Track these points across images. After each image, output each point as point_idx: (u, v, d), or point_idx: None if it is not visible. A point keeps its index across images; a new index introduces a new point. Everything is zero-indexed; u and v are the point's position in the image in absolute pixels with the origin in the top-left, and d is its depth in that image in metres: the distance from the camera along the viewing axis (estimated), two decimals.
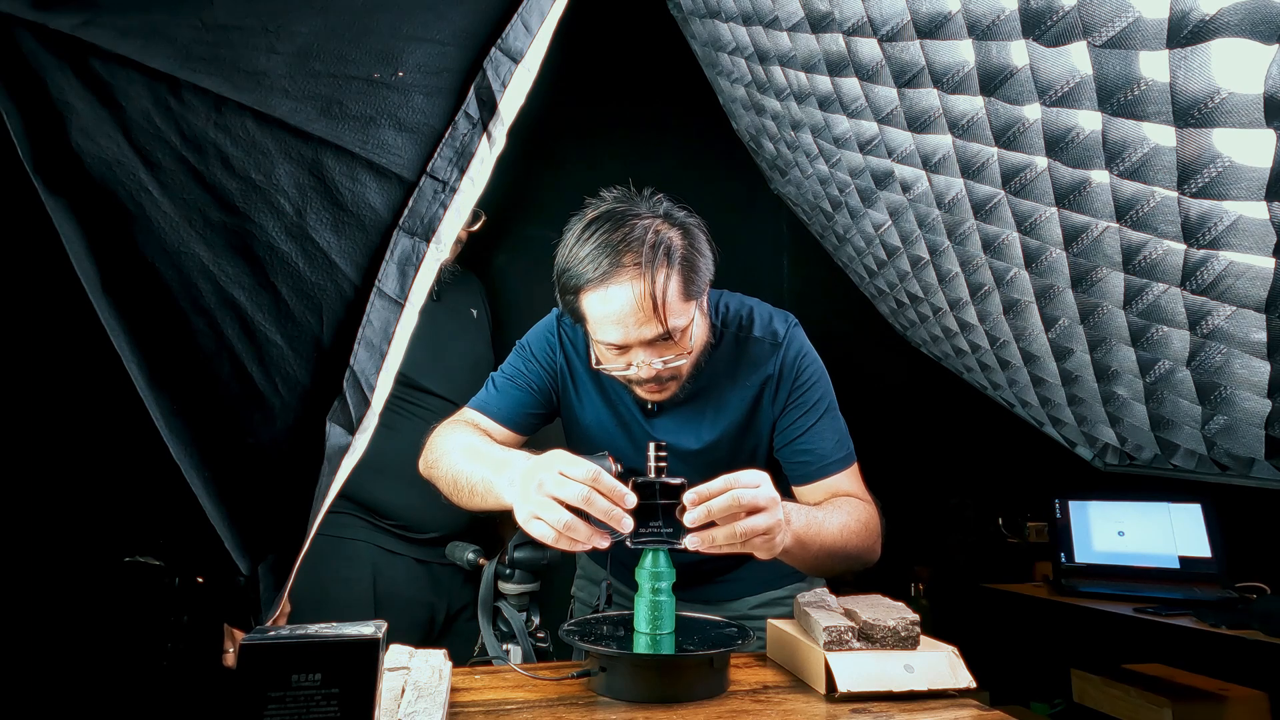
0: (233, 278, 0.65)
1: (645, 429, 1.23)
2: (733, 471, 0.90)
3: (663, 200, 1.12)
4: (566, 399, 1.28)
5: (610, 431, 1.25)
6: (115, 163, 0.63)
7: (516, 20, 0.70)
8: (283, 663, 0.62)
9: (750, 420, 1.21)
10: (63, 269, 0.62)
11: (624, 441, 1.24)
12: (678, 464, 1.17)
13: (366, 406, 0.68)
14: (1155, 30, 0.73)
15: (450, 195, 0.68)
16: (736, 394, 1.20)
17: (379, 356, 0.68)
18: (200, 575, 0.69)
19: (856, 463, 1.20)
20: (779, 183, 2.14)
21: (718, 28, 1.66)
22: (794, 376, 1.19)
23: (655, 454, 0.92)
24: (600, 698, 0.88)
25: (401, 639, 0.96)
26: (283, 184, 0.65)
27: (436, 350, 1.62)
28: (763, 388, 1.19)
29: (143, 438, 0.65)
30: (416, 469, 1.23)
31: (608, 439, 1.25)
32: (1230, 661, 1.81)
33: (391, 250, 0.67)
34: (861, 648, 0.90)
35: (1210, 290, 0.92)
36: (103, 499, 0.72)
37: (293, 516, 0.67)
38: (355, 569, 1.50)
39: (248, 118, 0.64)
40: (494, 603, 1.11)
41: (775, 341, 1.20)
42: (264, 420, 0.67)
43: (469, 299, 1.81)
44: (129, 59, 0.62)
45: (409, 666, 0.88)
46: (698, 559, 0.94)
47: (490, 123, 0.69)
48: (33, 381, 0.76)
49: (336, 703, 0.62)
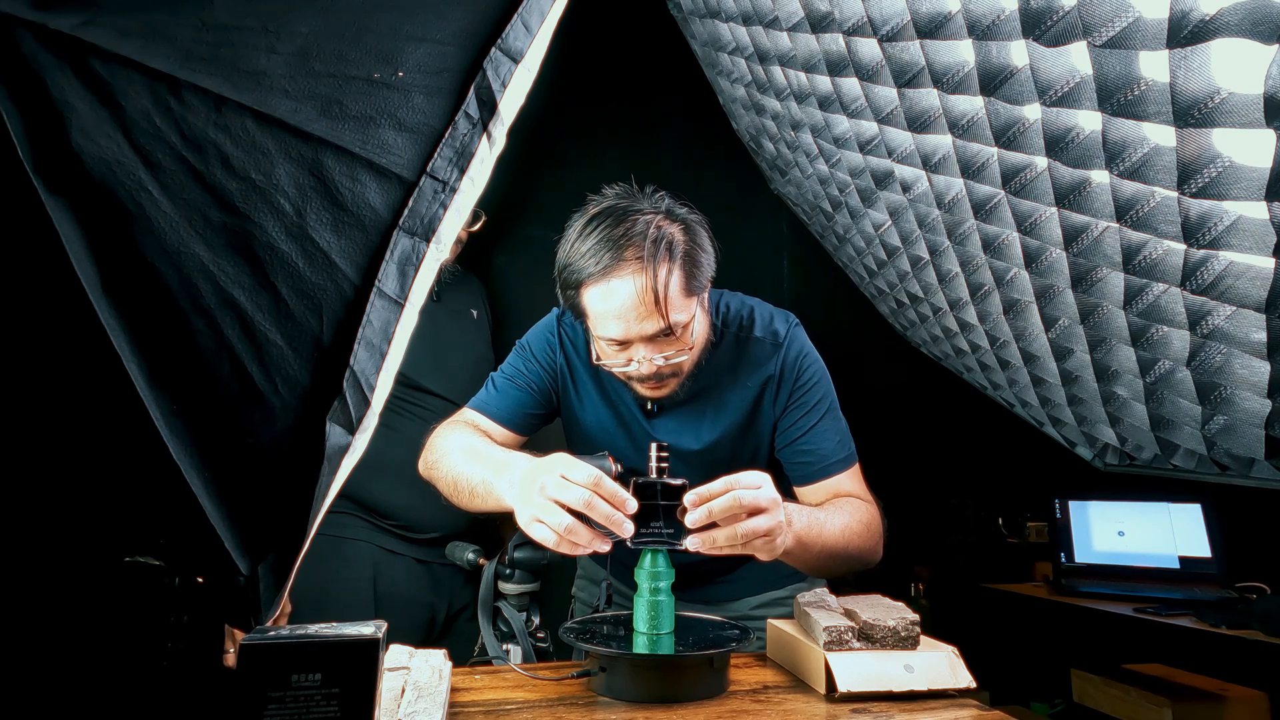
0: (233, 278, 0.65)
1: (645, 429, 1.22)
2: (734, 473, 0.90)
3: (664, 197, 1.11)
4: (566, 399, 1.27)
5: (610, 432, 1.25)
6: (115, 163, 0.63)
7: (516, 20, 0.70)
8: (283, 663, 0.62)
9: (751, 420, 1.20)
10: (63, 269, 0.63)
11: (624, 442, 1.24)
12: (678, 465, 1.17)
13: (366, 406, 0.68)
14: (1155, 30, 0.73)
15: (450, 195, 0.68)
16: (737, 394, 1.19)
17: (379, 356, 0.68)
18: (200, 575, 0.69)
19: (858, 463, 1.19)
20: (779, 183, 2.14)
21: (718, 28, 1.66)
22: (795, 377, 1.18)
23: (656, 454, 0.92)
24: (600, 698, 0.88)
25: (402, 639, 0.96)
26: (283, 184, 0.65)
27: (437, 351, 1.62)
28: (764, 388, 1.19)
29: (143, 438, 0.65)
30: (416, 469, 1.23)
31: (608, 439, 1.25)
32: (1230, 661, 1.81)
33: (391, 250, 0.67)
34: (861, 648, 0.90)
35: (1210, 290, 0.92)
36: (103, 499, 0.72)
37: (293, 516, 0.67)
38: (355, 569, 1.50)
39: (248, 118, 0.64)
40: (494, 603, 1.11)
41: (776, 341, 1.19)
42: (264, 420, 0.67)
43: (469, 300, 1.81)
44: (129, 59, 0.62)
45: (409, 666, 0.88)
46: (698, 559, 0.94)
47: (490, 123, 0.69)
48: (33, 381, 0.76)
49: (336, 703, 0.62)
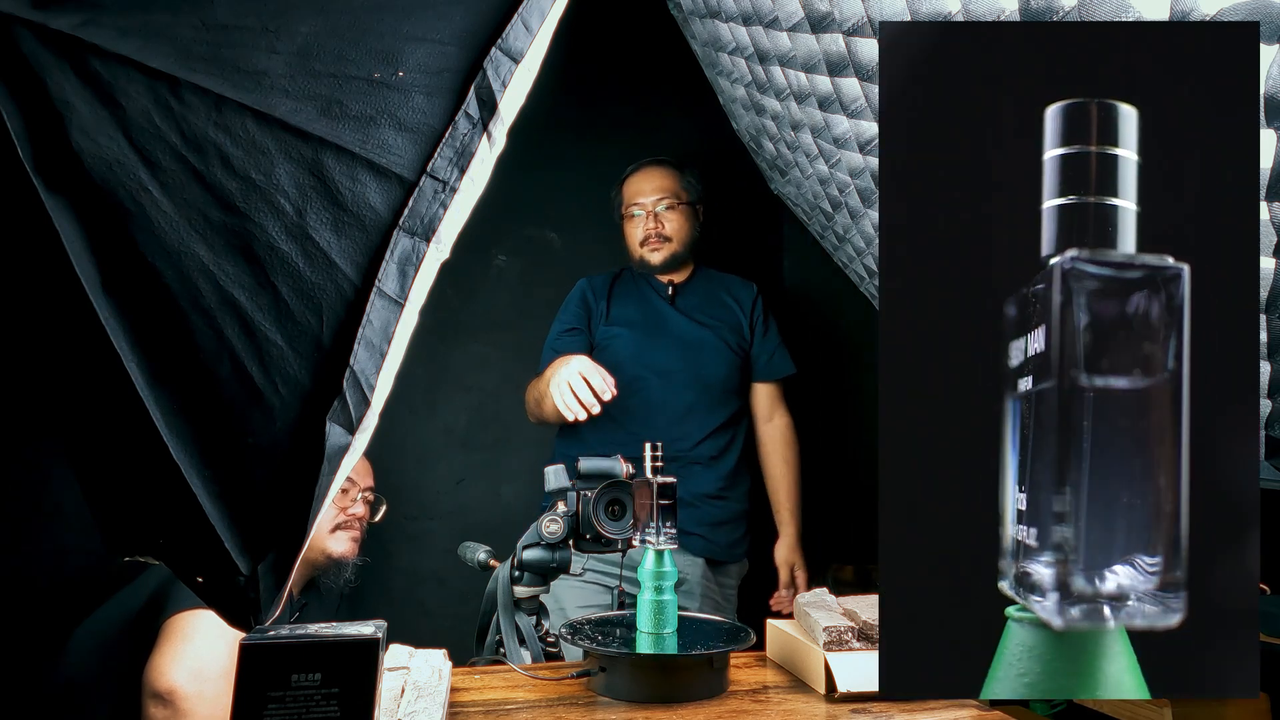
0: (233, 277, 0.65)
1: (667, 311, 1.86)
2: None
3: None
4: (598, 312, 1.84)
5: (634, 323, 1.84)
6: (115, 162, 0.63)
7: (517, 20, 0.70)
8: (282, 663, 0.62)
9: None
10: (63, 269, 0.63)
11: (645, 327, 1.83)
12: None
13: (366, 406, 0.68)
14: None
15: (450, 195, 0.68)
16: (726, 303, 1.90)
17: (379, 356, 0.68)
18: (200, 575, 0.69)
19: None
20: (779, 183, 2.14)
21: (718, 28, 1.66)
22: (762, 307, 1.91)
23: (652, 453, 0.93)
24: (600, 697, 0.88)
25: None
26: (283, 184, 0.65)
27: None
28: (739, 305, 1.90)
29: (143, 437, 0.65)
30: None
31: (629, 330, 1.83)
32: None
33: (392, 250, 0.67)
34: (861, 648, 0.91)
35: None
36: (103, 498, 0.72)
37: (293, 516, 0.67)
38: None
39: (248, 117, 0.64)
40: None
41: (745, 284, 1.95)
42: (264, 420, 0.67)
43: None
44: (129, 59, 0.62)
45: (409, 666, 0.88)
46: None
47: (490, 123, 0.69)
48: (32, 381, 0.76)
49: (336, 703, 0.62)
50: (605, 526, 1.05)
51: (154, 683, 1.10)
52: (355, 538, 1.55)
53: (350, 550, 1.52)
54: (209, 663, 1.12)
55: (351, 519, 1.54)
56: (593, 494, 1.06)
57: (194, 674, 1.10)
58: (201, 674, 1.11)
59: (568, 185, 2.27)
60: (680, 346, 1.78)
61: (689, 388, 1.75)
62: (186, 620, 1.15)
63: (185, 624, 1.15)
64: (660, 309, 1.84)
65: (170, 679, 1.10)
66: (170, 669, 1.10)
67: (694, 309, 1.85)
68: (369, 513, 1.61)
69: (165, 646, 1.13)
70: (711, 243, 2.03)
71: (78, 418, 0.71)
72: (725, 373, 1.80)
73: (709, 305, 1.86)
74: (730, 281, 1.93)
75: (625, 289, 1.89)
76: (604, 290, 1.87)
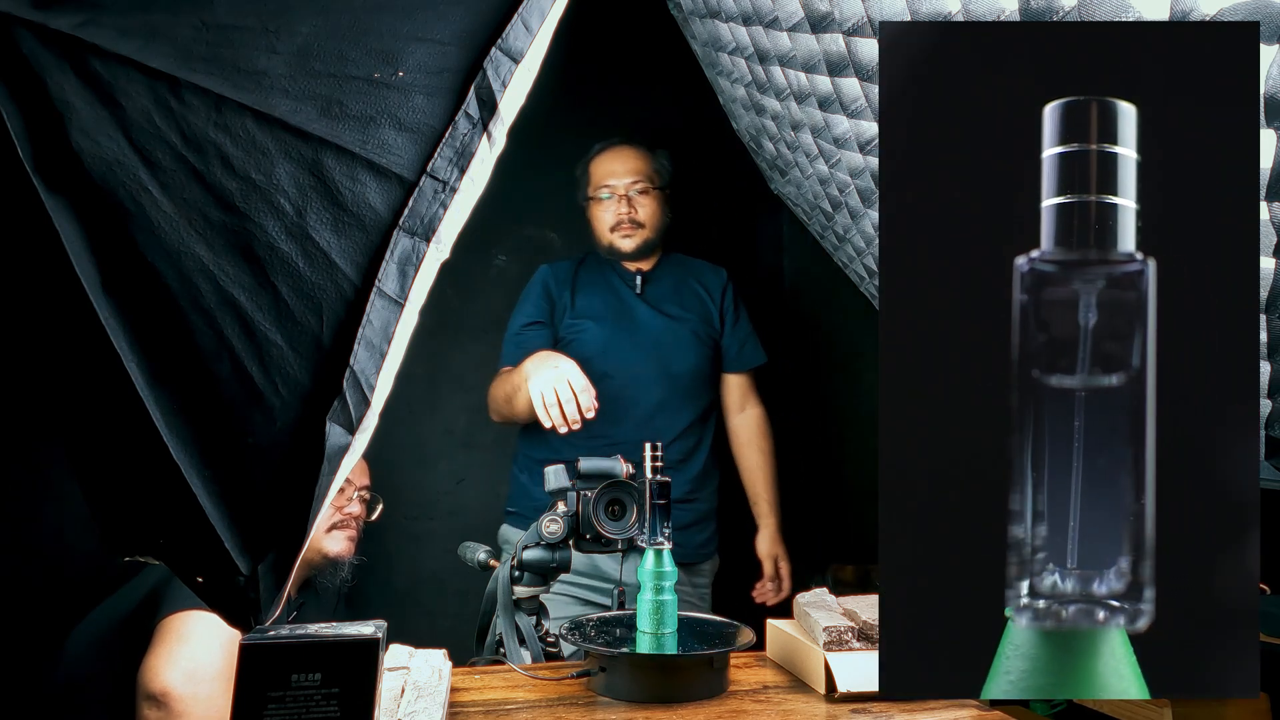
0: (233, 278, 0.65)
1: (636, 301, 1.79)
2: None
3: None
4: (561, 304, 1.77)
5: (600, 316, 1.76)
6: (115, 162, 0.63)
7: (517, 20, 0.70)
8: (282, 663, 0.62)
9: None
10: (63, 269, 0.63)
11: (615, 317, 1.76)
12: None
13: (366, 406, 0.68)
14: None
15: (450, 195, 0.68)
16: (696, 292, 1.85)
17: (379, 356, 0.68)
18: (200, 575, 0.69)
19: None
20: (779, 183, 2.14)
21: (718, 28, 1.66)
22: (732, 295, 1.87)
23: (651, 454, 0.94)
24: (600, 697, 0.88)
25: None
26: (283, 184, 0.65)
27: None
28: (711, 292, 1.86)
29: (143, 437, 0.65)
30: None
31: (597, 323, 1.76)
32: None
33: (391, 250, 0.67)
34: (861, 648, 0.91)
35: None
36: (103, 498, 0.72)
37: (293, 516, 0.67)
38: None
39: (248, 117, 0.64)
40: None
41: (715, 269, 1.89)
42: (264, 420, 0.67)
43: None
44: (129, 59, 0.62)
45: (409, 666, 0.88)
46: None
47: (490, 123, 0.69)
48: (33, 381, 0.76)
49: (336, 703, 0.62)
50: (605, 526, 1.05)
51: (148, 684, 1.10)
52: (352, 537, 1.54)
53: (347, 549, 1.52)
54: (203, 664, 1.12)
55: (348, 518, 1.54)
56: (593, 494, 1.06)
57: (188, 675, 1.10)
58: (195, 675, 1.11)
59: (568, 185, 2.27)
60: (649, 341, 1.73)
61: (657, 384, 1.70)
62: (181, 621, 1.15)
63: (180, 625, 1.15)
64: (628, 301, 1.77)
65: (164, 680, 1.10)
66: (164, 670, 1.10)
67: (662, 300, 1.79)
68: (365, 512, 1.61)
69: (159, 648, 1.13)
70: (712, 238, 2.03)
71: (78, 418, 0.71)
72: (695, 365, 1.75)
73: (678, 295, 1.80)
74: (699, 268, 1.87)
75: (590, 277, 1.80)
76: (568, 279, 1.79)
